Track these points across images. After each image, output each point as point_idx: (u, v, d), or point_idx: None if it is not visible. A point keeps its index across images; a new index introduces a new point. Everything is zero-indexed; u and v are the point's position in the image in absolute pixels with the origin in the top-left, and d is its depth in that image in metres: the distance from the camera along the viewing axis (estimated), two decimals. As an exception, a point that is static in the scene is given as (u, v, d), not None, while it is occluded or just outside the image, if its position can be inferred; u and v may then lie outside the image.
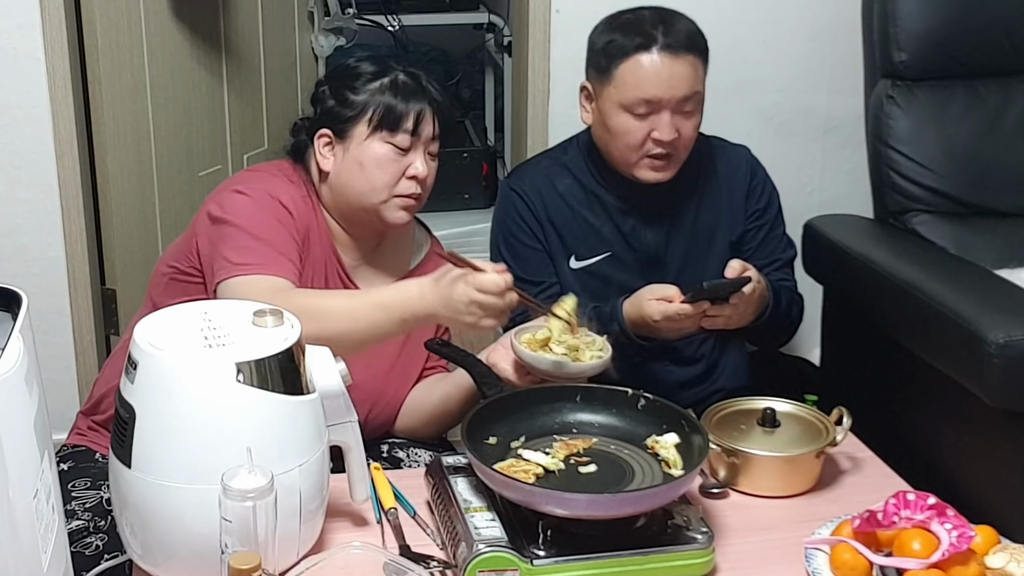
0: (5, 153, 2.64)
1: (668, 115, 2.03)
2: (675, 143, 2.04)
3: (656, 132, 2.03)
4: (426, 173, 1.90)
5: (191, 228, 1.92)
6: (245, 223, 1.83)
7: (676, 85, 2.02)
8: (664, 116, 2.03)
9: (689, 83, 2.03)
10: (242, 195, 1.87)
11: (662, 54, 2.01)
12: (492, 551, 1.46)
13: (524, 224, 2.16)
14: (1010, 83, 2.52)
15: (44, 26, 2.56)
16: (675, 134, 2.03)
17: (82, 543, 1.75)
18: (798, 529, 1.61)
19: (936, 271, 2.21)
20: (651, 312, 2.01)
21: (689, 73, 2.03)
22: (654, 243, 2.17)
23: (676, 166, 2.09)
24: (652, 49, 2.02)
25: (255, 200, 1.86)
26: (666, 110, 2.02)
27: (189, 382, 1.40)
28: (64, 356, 2.76)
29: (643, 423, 1.68)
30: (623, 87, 2.03)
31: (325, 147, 1.92)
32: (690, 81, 2.03)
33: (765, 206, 2.23)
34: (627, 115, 2.04)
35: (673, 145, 2.05)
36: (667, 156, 2.06)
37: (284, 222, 1.87)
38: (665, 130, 2.03)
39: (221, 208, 1.86)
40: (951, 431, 2.12)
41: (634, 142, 2.05)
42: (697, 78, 2.05)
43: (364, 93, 1.89)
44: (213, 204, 1.88)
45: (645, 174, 2.08)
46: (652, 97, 2.01)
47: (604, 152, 2.13)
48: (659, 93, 2.01)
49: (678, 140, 2.05)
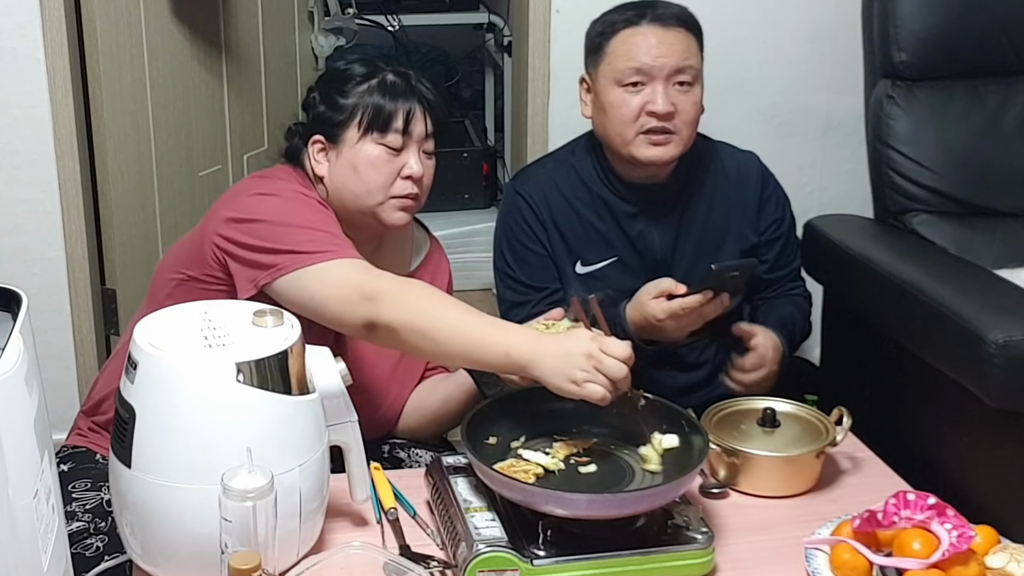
0: (5, 153, 2.64)
1: (661, 86, 2.02)
2: (671, 117, 2.03)
3: (651, 104, 2.02)
4: (421, 172, 1.89)
5: (199, 235, 1.86)
6: (290, 219, 1.77)
7: (667, 53, 2.02)
8: (657, 87, 2.02)
9: (680, 52, 2.03)
10: (270, 196, 1.83)
11: (652, 25, 2.04)
12: (492, 551, 1.46)
13: (529, 229, 2.15)
14: (1010, 83, 2.52)
15: (44, 26, 2.56)
16: (670, 107, 2.02)
17: (82, 544, 1.75)
18: (798, 529, 1.61)
19: (936, 271, 2.21)
20: (654, 311, 1.99)
21: (681, 43, 2.04)
22: (661, 247, 2.16)
23: (677, 145, 2.06)
24: (642, 22, 2.05)
25: (287, 199, 1.83)
26: (659, 80, 2.02)
27: (189, 382, 1.40)
28: (64, 356, 2.76)
29: (643, 423, 1.69)
30: (615, 59, 2.04)
31: (319, 153, 1.91)
32: (682, 51, 2.04)
33: (781, 216, 2.23)
34: (620, 89, 2.04)
35: (669, 119, 2.03)
36: (665, 131, 2.04)
37: (328, 213, 1.85)
38: (659, 100, 2.01)
39: (247, 211, 1.80)
40: (951, 431, 2.12)
41: (629, 115, 2.03)
42: (689, 51, 2.05)
43: (353, 96, 1.89)
44: (230, 211, 1.81)
45: (643, 151, 2.05)
46: (643, 65, 2.02)
47: (604, 139, 2.11)
48: (649, 60, 2.02)
49: (674, 115, 2.03)
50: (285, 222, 1.77)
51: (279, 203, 1.81)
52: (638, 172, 2.11)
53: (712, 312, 1.98)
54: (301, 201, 1.84)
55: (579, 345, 1.57)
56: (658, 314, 1.98)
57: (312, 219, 1.80)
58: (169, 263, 1.94)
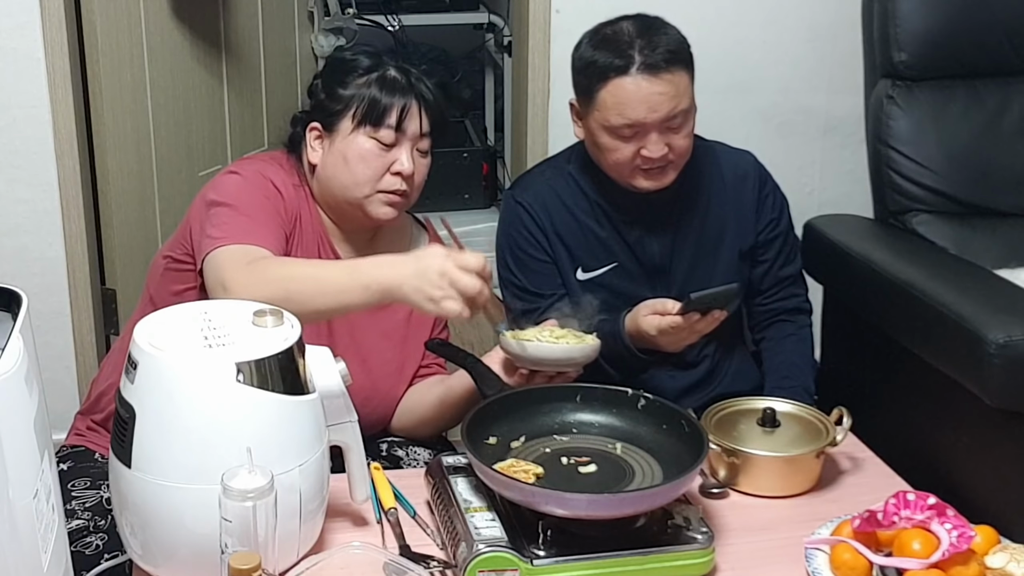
0: (5, 153, 2.64)
1: (655, 134, 1.99)
2: (666, 157, 2.02)
3: (645, 150, 2.00)
4: (412, 170, 1.89)
5: (187, 216, 1.92)
6: (233, 200, 1.83)
7: (657, 105, 1.97)
8: (651, 136, 1.99)
9: (671, 101, 1.98)
10: (234, 174, 1.89)
11: (640, 75, 1.97)
12: (492, 551, 1.46)
13: (531, 237, 2.15)
14: (1010, 83, 2.52)
15: (44, 26, 2.56)
16: (664, 150, 2.00)
17: (82, 543, 1.75)
18: (798, 529, 1.61)
19: (936, 271, 2.21)
20: (646, 327, 2.00)
21: (670, 91, 1.98)
22: (659, 253, 2.15)
23: (675, 172, 2.06)
24: (630, 71, 1.97)
25: (245, 178, 1.88)
26: (652, 130, 1.99)
27: (189, 382, 1.40)
28: (64, 356, 2.76)
29: (643, 423, 1.69)
30: (605, 111, 2.00)
31: (315, 140, 1.93)
32: (672, 99, 1.99)
33: (779, 215, 2.22)
34: (613, 136, 2.02)
35: (665, 159, 2.02)
36: (661, 167, 2.04)
37: (272, 198, 1.87)
38: (653, 148, 2.00)
39: (213, 190, 1.88)
40: (951, 431, 2.12)
41: (624, 160, 2.02)
42: (680, 94, 2.00)
43: (352, 87, 1.90)
44: (208, 187, 1.90)
45: (642, 183, 2.05)
46: (634, 121, 1.98)
47: (598, 165, 2.12)
48: (641, 116, 1.97)
49: (669, 154, 2.02)
50: (229, 203, 1.83)
51: (236, 182, 1.88)
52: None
53: (706, 328, 1.98)
54: (252, 183, 1.88)
55: (433, 263, 1.60)
56: (650, 331, 1.99)
57: (248, 203, 1.84)
58: (162, 250, 1.99)
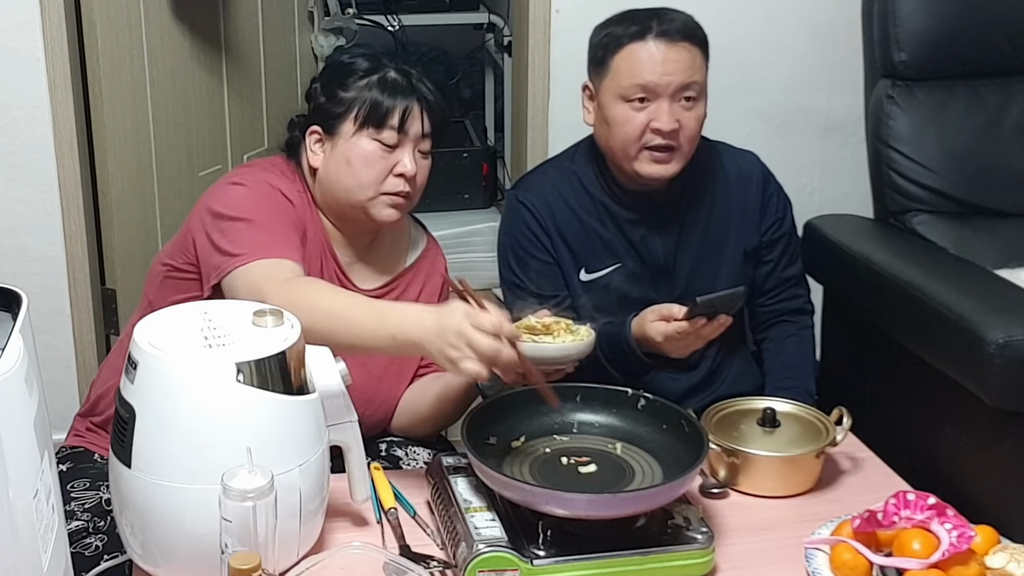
0: (5, 153, 2.64)
1: (667, 104, 2.01)
2: (676, 134, 2.02)
3: (655, 122, 2.01)
4: (414, 171, 1.89)
5: (186, 225, 1.91)
6: (246, 214, 1.81)
7: (672, 71, 2.00)
8: (663, 105, 2.00)
9: (686, 70, 2.01)
10: (239, 186, 1.87)
11: (657, 41, 2.01)
12: (492, 551, 1.46)
13: (534, 237, 2.14)
14: (1010, 83, 2.52)
15: (44, 26, 2.56)
16: (675, 124, 2.01)
17: (82, 543, 1.75)
18: (798, 529, 1.61)
19: (936, 271, 2.21)
20: (653, 334, 1.99)
21: (686, 60, 2.01)
22: (663, 253, 2.14)
23: (679, 161, 2.06)
24: (647, 37, 2.01)
25: (252, 190, 1.86)
26: (664, 98, 2.00)
27: (189, 382, 1.40)
28: (64, 356, 2.76)
29: (643, 423, 1.69)
30: (620, 75, 2.02)
31: (316, 144, 1.92)
32: (687, 68, 2.01)
33: (783, 215, 2.22)
34: (625, 105, 2.02)
35: (674, 136, 2.02)
36: (668, 148, 2.04)
37: (284, 209, 1.86)
38: (664, 119, 2.00)
39: (218, 202, 1.85)
40: (951, 431, 2.12)
41: (633, 133, 2.03)
42: (695, 66, 2.03)
43: (353, 90, 1.89)
44: (210, 199, 1.88)
45: (647, 167, 2.05)
46: (648, 83, 2.00)
47: (606, 151, 2.11)
48: (655, 79, 1.99)
49: (679, 131, 2.02)
50: (240, 217, 1.81)
51: (244, 194, 1.86)
52: (639, 182, 2.11)
53: (711, 334, 1.97)
54: (262, 194, 1.86)
55: (451, 322, 1.56)
56: (656, 336, 1.99)
57: (262, 216, 1.83)
58: (161, 256, 1.98)
